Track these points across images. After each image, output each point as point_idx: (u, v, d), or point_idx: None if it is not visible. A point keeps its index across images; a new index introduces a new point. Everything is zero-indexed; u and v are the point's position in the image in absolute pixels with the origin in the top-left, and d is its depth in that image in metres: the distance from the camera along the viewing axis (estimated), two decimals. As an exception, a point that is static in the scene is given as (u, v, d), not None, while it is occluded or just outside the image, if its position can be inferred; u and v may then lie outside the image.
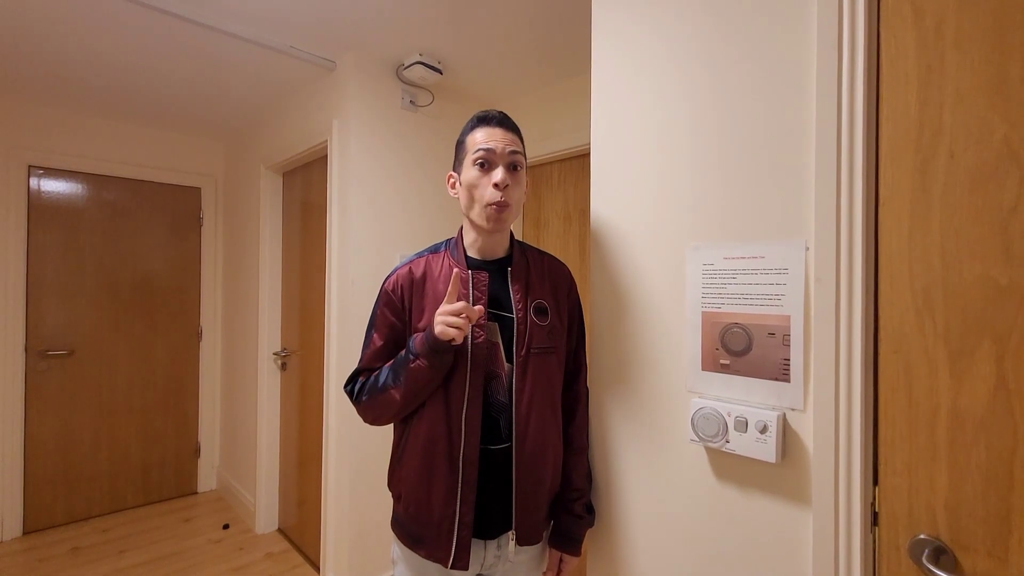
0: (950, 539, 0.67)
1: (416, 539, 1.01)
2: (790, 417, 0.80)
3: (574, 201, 2.24)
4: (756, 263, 0.83)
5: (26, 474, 2.62)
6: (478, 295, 1.01)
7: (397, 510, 1.06)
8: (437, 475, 0.98)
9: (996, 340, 0.63)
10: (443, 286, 1.02)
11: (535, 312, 1.03)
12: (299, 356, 2.55)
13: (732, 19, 0.87)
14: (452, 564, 0.97)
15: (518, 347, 1.00)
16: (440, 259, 1.07)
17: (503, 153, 1.00)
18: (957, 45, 0.66)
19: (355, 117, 2.01)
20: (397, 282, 1.05)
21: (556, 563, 1.08)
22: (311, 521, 2.40)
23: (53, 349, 2.68)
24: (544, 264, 1.12)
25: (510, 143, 1.01)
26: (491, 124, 1.02)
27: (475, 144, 1.01)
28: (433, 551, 0.98)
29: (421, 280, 1.04)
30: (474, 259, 1.06)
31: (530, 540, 1.02)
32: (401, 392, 0.97)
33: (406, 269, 1.06)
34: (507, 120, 1.03)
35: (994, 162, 0.63)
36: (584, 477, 1.08)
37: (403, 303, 1.03)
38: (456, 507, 0.97)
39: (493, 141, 1.00)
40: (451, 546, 0.97)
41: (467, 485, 0.97)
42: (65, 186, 2.73)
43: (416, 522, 1.01)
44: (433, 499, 0.98)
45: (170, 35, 1.87)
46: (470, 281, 1.02)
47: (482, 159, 0.99)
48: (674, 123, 0.95)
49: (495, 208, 0.99)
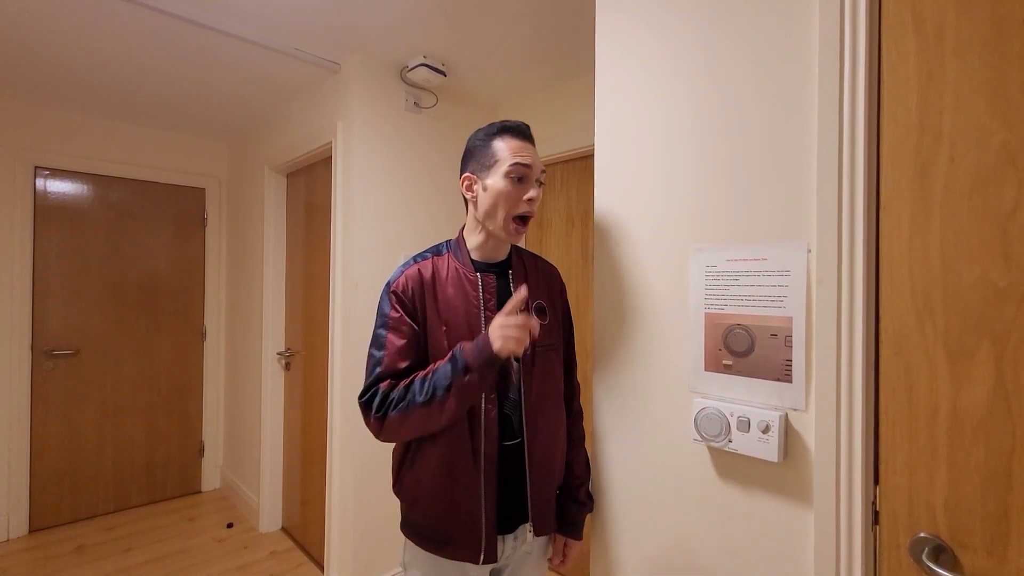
0: (950, 537, 0.68)
1: (441, 541, 1.00)
2: (792, 417, 0.81)
3: (576, 203, 2.25)
4: (759, 265, 0.84)
5: (32, 473, 2.64)
6: (488, 297, 1.02)
7: (412, 515, 1.04)
8: (461, 475, 0.98)
9: (995, 342, 0.64)
10: (452, 289, 1.02)
11: (536, 312, 1.07)
12: (303, 356, 2.56)
13: (735, 24, 0.88)
14: (483, 559, 0.99)
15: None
16: (445, 262, 1.06)
17: (537, 171, 1.02)
18: (957, 51, 0.67)
19: (359, 119, 2.03)
20: (407, 283, 1.01)
21: (561, 548, 1.13)
22: (315, 520, 2.42)
23: (58, 349, 2.70)
24: (538, 266, 1.15)
25: (540, 162, 1.04)
26: (522, 138, 1.03)
27: (510, 156, 1.00)
28: (462, 551, 0.99)
29: (431, 282, 1.02)
30: (477, 263, 1.07)
31: (546, 530, 1.06)
32: (452, 408, 0.91)
33: (414, 270, 1.03)
34: (532, 136, 1.06)
35: (993, 166, 0.64)
36: (584, 465, 1.14)
37: (415, 303, 1.01)
38: (482, 504, 0.98)
39: (529, 156, 1.01)
40: (480, 543, 0.98)
41: (489, 481, 0.99)
42: (70, 187, 2.75)
43: (441, 524, 1.00)
44: (459, 499, 0.98)
45: (175, 37, 1.88)
46: (479, 283, 1.03)
47: (519, 174, 1.00)
48: (677, 126, 0.96)
49: (522, 222, 1.02)
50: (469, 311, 1.01)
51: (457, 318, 1.00)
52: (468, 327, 1.00)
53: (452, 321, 1.00)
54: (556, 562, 1.14)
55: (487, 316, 1.01)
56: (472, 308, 1.01)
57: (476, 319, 1.01)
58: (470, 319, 1.00)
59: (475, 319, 1.01)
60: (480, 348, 0.91)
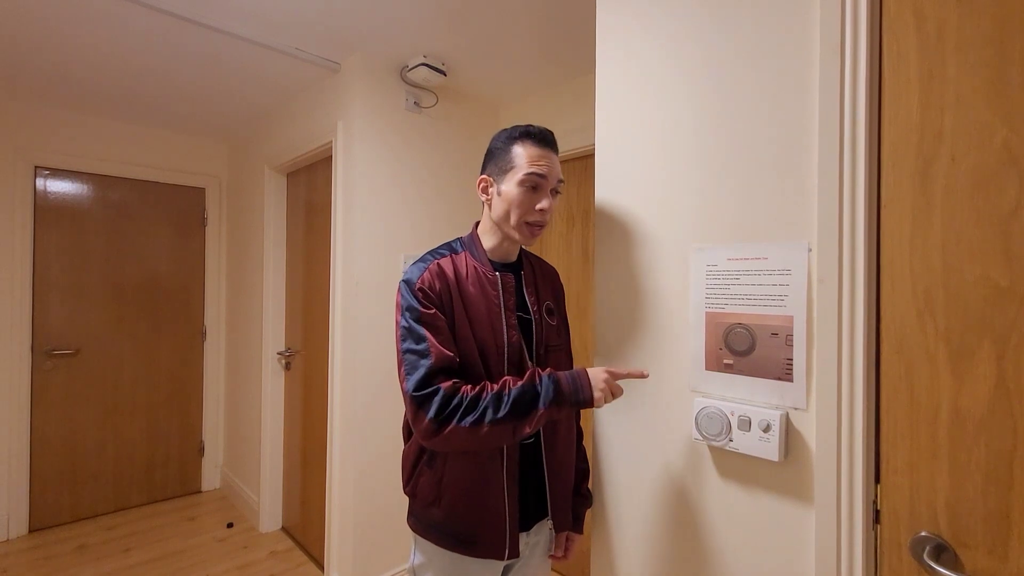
0: (951, 537, 0.68)
1: (467, 540, 0.99)
2: (793, 416, 0.81)
3: (577, 202, 2.25)
4: (759, 264, 0.84)
5: (32, 472, 2.63)
6: (507, 297, 1.02)
7: (431, 515, 1.02)
8: (488, 473, 0.99)
9: (996, 341, 0.64)
10: (472, 288, 1.00)
11: (546, 312, 1.10)
12: (303, 356, 2.56)
13: (736, 22, 0.88)
14: (508, 556, 1.00)
15: (537, 346, 1.06)
16: (463, 260, 1.04)
17: (552, 180, 1.01)
18: (958, 50, 0.67)
19: (359, 118, 2.02)
20: (433, 279, 0.98)
21: (563, 542, 1.14)
22: (315, 520, 2.42)
23: (59, 348, 2.70)
24: (542, 268, 1.18)
25: (559, 171, 1.03)
26: (543, 145, 1.01)
27: (527, 163, 0.99)
28: (488, 549, 0.99)
29: (455, 280, 1.00)
30: (495, 262, 1.07)
31: (564, 525, 1.09)
32: (526, 433, 0.92)
33: (436, 266, 1.00)
34: (554, 141, 1.04)
35: (994, 165, 0.64)
36: (584, 460, 1.19)
37: (442, 299, 0.98)
38: (505, 502, 1.00)
39: (546, 166, 1.00)
40: (505, 541, 1.00)
41: (511, 479, 1.00)
42: (71, 187, 2.75)
43: (466, 523, 0.99)
44: (486, 498, 0.99)
45: (175, 37, 1.88)
46: (499, 282, 1.03)
47: (533, 183, 0.99)
48: (678, 125, 0.96)
49: (535, 228, 1.02)
50: (491, 310, 1.01)
51: (480, 316, 1.00)
52: (491, 326, 1.00)
53: (476, 319, 0.99)
54: (558, 555, 1.15)
55: (507, 316, 1.01)
56: (493, 307, 1.01)
57: (498, 318, 1.00)
58: (492, 317, 1.00)
59: (496, 318, 1.00)
60: (579, 389, 0.92)
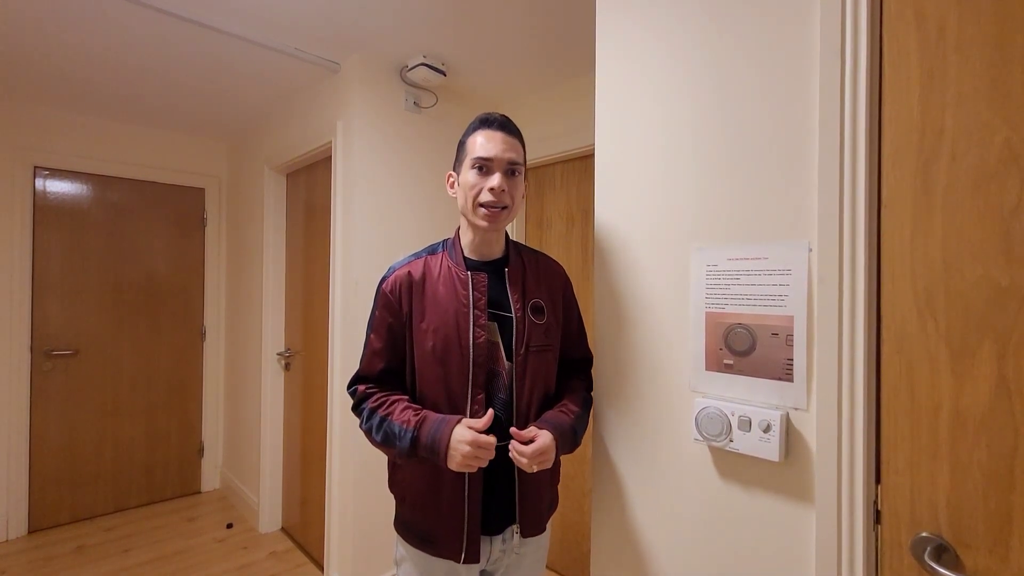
0: (952, 537, 0.67)
1: (425, 538, 1.02)
2: (793, 416, 0.81)
3: (576, 202, 2.25)
4: (759, 264, 0.84)
5: (31, 473, 2.63)
6: (478, 296, 1.02)
7: (402, 511, 1.08)
8: (444, 474, 0.99)
9: (997, 340, 0.64)
10: (443, 288, 1.03)
11: (532, 311, 1.06)
12: (303, 356, 2.56)
13: (736, 22, 0.88)
14: (464, 559, 0.98)
15: (517, 346, 1.02)
16: (438, 260, 1.07)
17: (501, 160, 1.01)
18: (959, 48, 0.67)
19: (359, 118, 2.02)
20: (396, 284, 1.04)
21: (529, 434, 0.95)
22: (315, 520, 2.41)
23: (58, 349, 2.70)
24: (539, 264, 1.14)
25: (509, 149, 1.01)
26: (492, 127, 1.02)
27: (475, 148, 1.02)
28: (444, 549, 1.00)
29: (420, 282, 1.04)
30: (472, 260, 1.07)
31: (534, 531, 1.05)
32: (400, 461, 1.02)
33: (404, 271, 1.05)
34: (509, 124, 1.04)
35: (995, 164, 0.64)
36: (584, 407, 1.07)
37: (401, 305, 1.03)
38: (464, 505, 0.99)
39: (493, 147, 1.00)
40: (462, 542, 0.99)
41: (474, 482, 0.99)
42: (70, 187, 2.75)
43: (424, 522, 1.02)
44: (442, 498, 0.99)
45: (175, 37, 1.88)
46: (469, 282, 1.03)
47: (480, 166, 1.01)
48: (678, 125, 0.96)
49: (490, 212, 1.01)
50: (459, 310, 1.01)
51: (446, 317, 1.00)
52: (457, 326, 1.00)
53: (440, 320, 1.00)
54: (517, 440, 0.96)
55: (476, 315, 1.01)
56: (462, 307, 1.01)
57: (465, 318, 1.01)
58: (459, 318, 1.01)
59: (464, 318, 1.01)
60: (435, 446, 0.93)
